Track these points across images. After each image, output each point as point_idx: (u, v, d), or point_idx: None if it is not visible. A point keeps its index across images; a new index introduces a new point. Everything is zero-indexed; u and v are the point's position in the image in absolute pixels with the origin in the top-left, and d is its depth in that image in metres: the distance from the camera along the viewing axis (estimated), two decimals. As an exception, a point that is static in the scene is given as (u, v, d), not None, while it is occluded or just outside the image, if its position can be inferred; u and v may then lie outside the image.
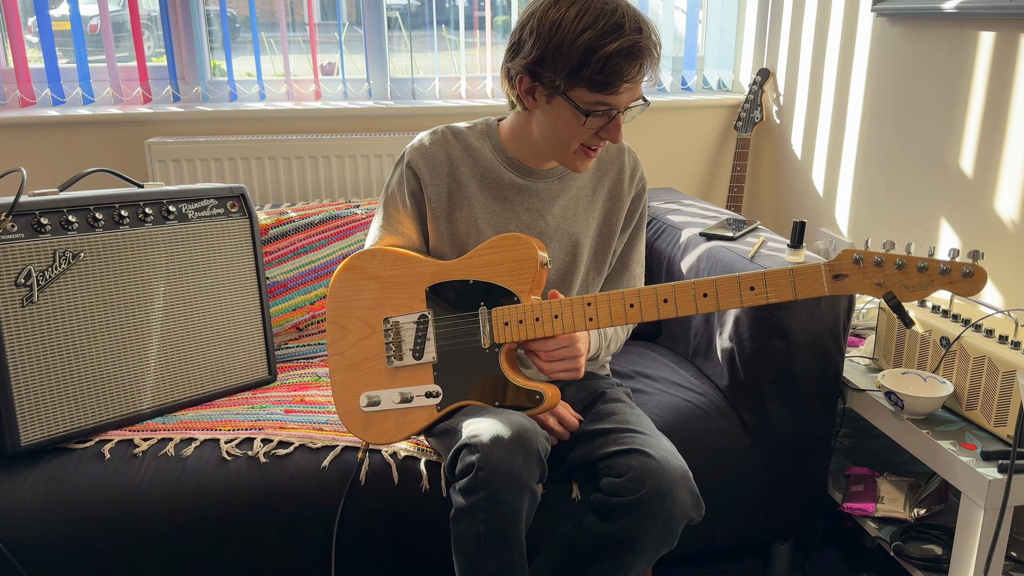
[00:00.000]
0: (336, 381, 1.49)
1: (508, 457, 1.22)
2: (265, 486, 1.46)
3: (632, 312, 1.32)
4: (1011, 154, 1.76)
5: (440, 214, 1.49)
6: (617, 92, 1.30)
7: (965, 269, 1.13)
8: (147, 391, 1.65)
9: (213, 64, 2.55)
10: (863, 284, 1.20)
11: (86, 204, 1.57)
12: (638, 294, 1.31)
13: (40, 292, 1.52)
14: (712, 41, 2.75)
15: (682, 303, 1.29)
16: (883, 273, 1.18)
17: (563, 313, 1.34)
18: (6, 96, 2.39)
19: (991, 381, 1.47)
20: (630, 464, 1.28)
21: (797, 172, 2.56)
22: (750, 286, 1.25)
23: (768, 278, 1.24)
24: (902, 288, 1.17)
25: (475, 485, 1.22)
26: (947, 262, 1.15)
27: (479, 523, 1.23)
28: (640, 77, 1.32)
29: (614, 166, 1.53)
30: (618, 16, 1.27)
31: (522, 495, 1.24)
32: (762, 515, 1.71)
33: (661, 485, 1.25)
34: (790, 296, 1.23)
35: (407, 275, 1.46)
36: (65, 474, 1.46)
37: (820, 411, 1.68)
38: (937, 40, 1.95)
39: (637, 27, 1.28)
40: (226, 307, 1.76)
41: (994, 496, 1.36)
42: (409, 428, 1.43)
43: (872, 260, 1.18)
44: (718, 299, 1.27)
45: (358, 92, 2.57)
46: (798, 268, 1.22)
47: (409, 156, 1.49)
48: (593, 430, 1.41)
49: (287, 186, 2.38)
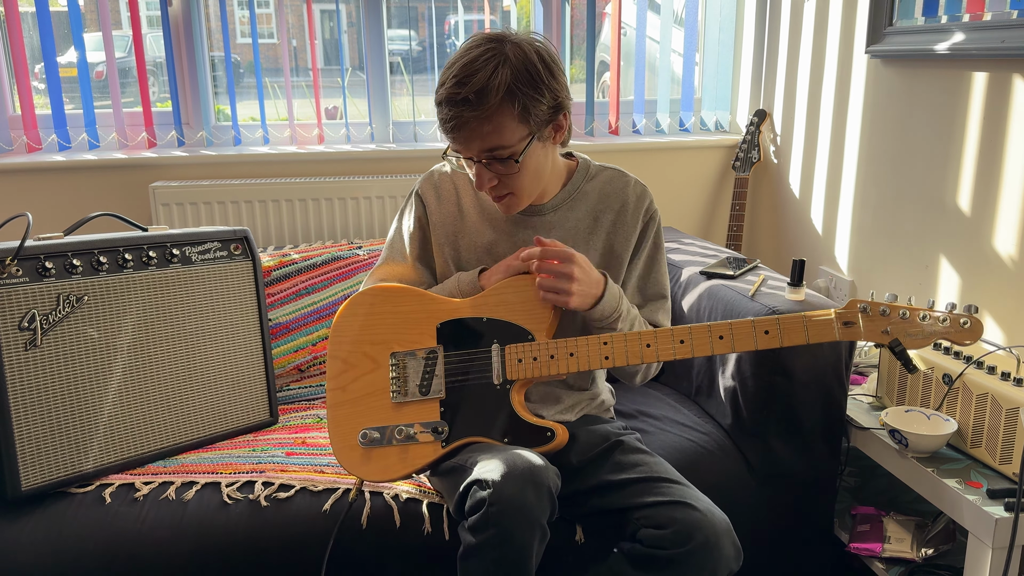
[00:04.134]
0: (334, 416, 1.48)
1: (519, 493, 1.21)
2: (266, 530, 1.45)
3: (648, 352, 1.33)
4: (1007, 192, 1.78)
5: (444, 240, 1.54)
6: (455, 140, 1.35)
7: (963, 320, 1.24)
8: (149, 434, 1.64)
9: (217, 109, 2.58)
10: (871, 332, 1.28)
11: (90, 248, 1.58)
12: (655, 335, 1.33)
13: (44, 336, 1.52)
14: (709, 83, 2.79)
15: (698, 345, 1.32)
16: (889, 322, 1.27)
17: (579, 351, 1.35)
18: (13, 142, 2.42)
19: (995, 418, 1.47)
20: (674, 517, 1.27)
21: (796, 211, 2.58)
22: (764, 330, 1.30)
23: (783, 323, 1.29)
24: (906, 336, 1.26)
25: (486, 522, 1.21)
26: (946, 314, 1.25)
27: (489, 561, 1.21)
28: (463, 131, 1.32)
29: (618, 199, 1.53)
30: (456, 65, 1.31)
31: (533, 532, 1.23)
32: (768, 555, 1.69)
33: (709, 539, 1.25)
34: (803, 341, 1.29)
35: (417, 311, 1.46)
36: (66, 519, 1.45)
37: (824, 450, 1.67)
38: (931, 81, 1.98)
39: (457, 81, 1.30)
40: (228, 349, 1.77)
41: (1002, 535, 1.35)
42: (411, 464, 1.42)
43: (878, 310, 1.27)
44: (734, 342, 1.31)
45: (361, 135, 2.61)
46: (811, 316, 1.28)
47: (419, 186, 1.58)
48: (620, 480, 1.38)
49: (290, 228, 2.40)
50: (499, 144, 1.34)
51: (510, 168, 1.37)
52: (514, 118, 1.32)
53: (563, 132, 1.43)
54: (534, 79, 1.32)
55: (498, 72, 1.29)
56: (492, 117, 1.31)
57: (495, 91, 1.29)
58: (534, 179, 1.43)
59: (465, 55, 1.32)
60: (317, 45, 2.52)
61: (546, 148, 1.42)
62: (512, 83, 1.30)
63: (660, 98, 2.75)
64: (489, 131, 1.32)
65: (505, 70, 1.30)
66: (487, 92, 1.28)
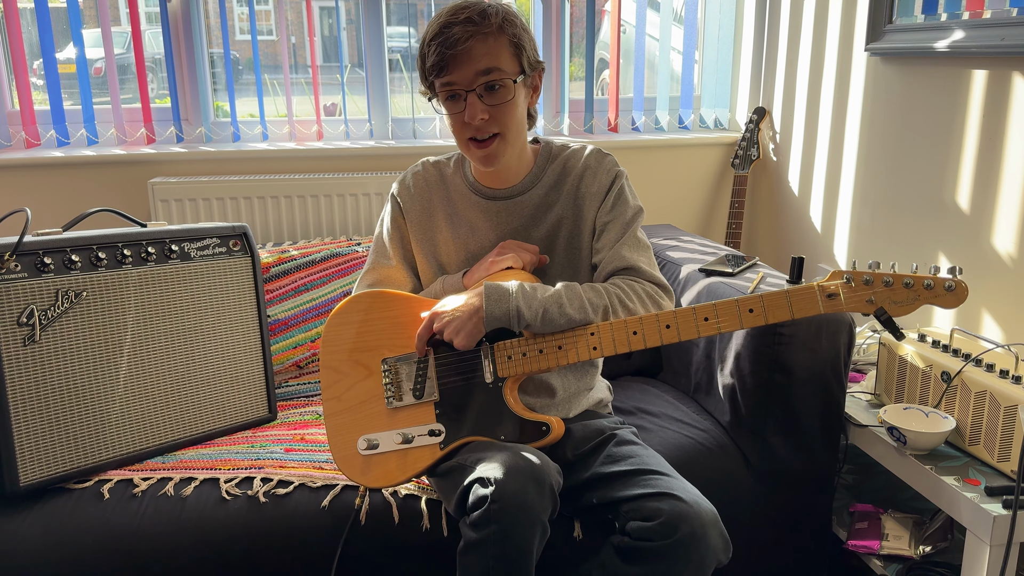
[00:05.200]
0: (332, 426, 1.48)
1: (521, 490, 1.22)
2: (264, 526, 1.45)
3: (636, 339, 1.34)
4: (1007, 190, 1.78)
5: (421, 237, 1.58)
6: (449, 70, 1.38)
7: (948, 284, 1.22)
8: (147, 430, 1.64)
9: (216, 105, 2.58)
10: (855, 302, 1.26)
11: (89, 243, 1.58)
12: (641, 321, 1.33)
13: (42, 331, 1.52)
14: (708, 81, 2.79)
15: (684, 328, 1.32)
16: (872, 291, 1.25)
17: (566, 343, 1.35)
18: (12, 137, 2.42)
19: (993, 416, 1.47)
20: (660, 508, 1.27)
21: (795, 208, 2.58)
22: (748, 308, 1.29)
23: (766, 301, 1.28)
24: (891, 304, 1.24)
25: (487, 518, 1.21)
26: (931, 277, 1.23)
27: (489, 557, 1.21)
28: (461, 48, 1.36)
29: (573, 169, 1.54)
30: (446, 10, 1.39)
31: (534, 529, 1.23)
32: (766, 552, 1.70)
33: (695, 530, 1.24)
34: (787, 316, 1.28)
35: (404, 315, 1.47)
36: (64, 514, 1.45)
37: (823, 447, 1.67)
38: (931, 79, 1.98)
39: (454, 11, 1.38)
40: (227, 346, 1.77)
41: (999, 532, 1.35)
42: (411, 469, 1.43)
43: (861, 279, 1.26)
44: (719, 322, 1.30)
45: (360, 132, 2.60)
46: (793, 290, 1.27)
47: (394, 188, 1.63)
48: (611, 472, 1.38)
49: (289, 225, 2.40)
50: (495, 65, 1.39)
51: (502, 97, 1.40)
52: (508, 48, 1.40)
53: (538, 93, 1.51)
54: (523, 25, 1.43)
55: (493, 6, 1.41)
56: (490, 37, 1.38)
57: (494, 16, 1.38)
58: (519, 125, 1.47)
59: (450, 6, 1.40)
60: (316, 42, 2.51)
61: (526, 103, 1.48)
62: (507, 17, 1.40)
63: (659, 96, 2.75)
64: (487, 51, 1.38)
65: (499, 6, 1.41)
66: (487, 15, 1.38)
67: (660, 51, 2.72)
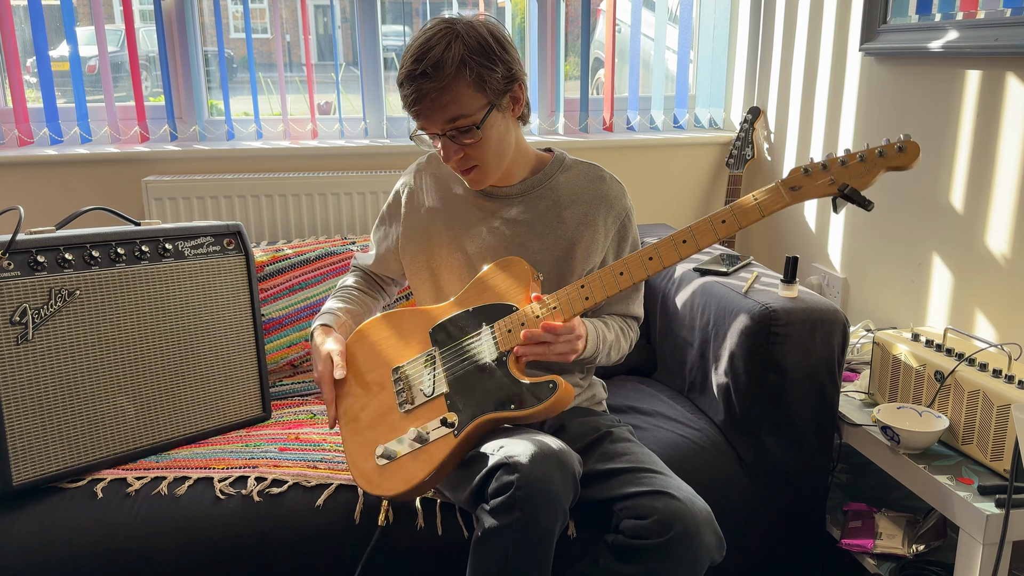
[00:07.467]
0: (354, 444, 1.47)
1: (546, 477, 1.22)
2: (259, 525, 1.45)
3: (623, 279, 1.36)
4: (1000, 190, 1.78)
5: (415, 223, 1.62)
6: (419, 119, 1.43)
7: (898, 146, 1.24)
8: (141, 429, 1.64)
9: (211, 104, 2.57)
10: (818, 188, 1.30)
11: (82, 242, 1.58)
12: (625, 262, 1.36)
13: (35, 330, 1.52)
14: (703, 80, 2.79)
15: (665, 255, 1.35)
16: (830, 174, 1.28)
17: (560, 302, 1.38)
18: (4, 135, 2.41)
19: (986, 415, 1.47)
20: (654, 506, 1.27)
21: (789, 208, 2.57)
22: (722, 220, 1.33)
23: (736, 209, 1.32)
24: (852, 178, 1.28)
25: (511, 504, 1.21)
26: (881, 147, 1.26)
27: (509, 545, 1.21)
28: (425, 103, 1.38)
29: (591, 194, 1.55)
30: (413, 47, 1.39)
31: (556, 517, 1.23)
32: (760, 551, 1.70)
33: (689, 528, 1.24)
34: (757, 216, 1.32)
35: (409, 326, 1.51)
36: (57, 514, 1.45)
37: (816, 446, 1.68)
38: (924, 79, 1.99)
39: (415, 57, 1.37)
40: (221, 344, 1.76)
41: (992, 531, 1.36)
42: (430, 462, 1.38)
43: (819, 167, 1.29)
44: (697, 241, 1.34)
45: (354, 131, 2.60)
46: (759, 192, 1.32)
47: (399, 183, 1.68)
48: (606, 470, 1.39)
49: (283, 223, 2.39)
50: (459, 113, 1.39)
51: (473, 137, 1.41)
52: (470, 86, 1.38)
53: (521, 105, 1.49)
54: (486, 51, 1.39)
55: (451, 47, 1.37)
56: (449, 87, 1.37)
57: (450, 63, 1.36)
58: (498, 151, 1.47)
59: (421, 36, 1.39)
60: (311, 40, 2.51)
61: (507, 120, 1.47)
62: (465, 54, 1.37)
63: (655, 95, 2.75)
64: (448, 101, 1.38)
65: (458, 44, 1.37)
66: (442, 64, 1.36)
67: (655, 50, 2.72)
